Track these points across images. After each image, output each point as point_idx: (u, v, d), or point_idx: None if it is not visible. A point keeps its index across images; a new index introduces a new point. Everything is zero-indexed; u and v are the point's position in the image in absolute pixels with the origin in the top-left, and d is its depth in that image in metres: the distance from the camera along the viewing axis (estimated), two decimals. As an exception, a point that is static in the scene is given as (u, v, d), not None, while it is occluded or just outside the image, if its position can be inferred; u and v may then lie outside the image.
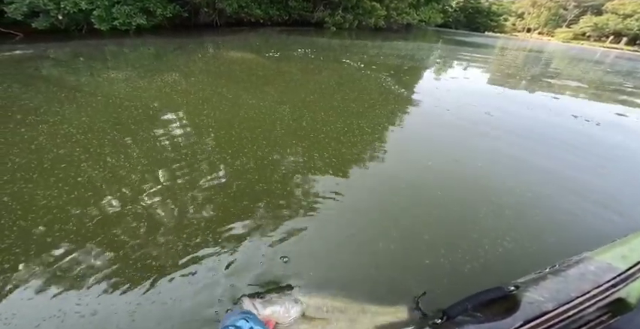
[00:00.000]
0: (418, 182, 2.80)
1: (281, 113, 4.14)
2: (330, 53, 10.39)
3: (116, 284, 1.59)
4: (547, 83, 8.85)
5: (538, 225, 2.34)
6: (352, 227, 2.13)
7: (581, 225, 2.43)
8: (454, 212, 2.41)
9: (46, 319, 1.40)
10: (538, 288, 1.17)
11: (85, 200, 2.14)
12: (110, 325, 1.40)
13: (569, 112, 5.73)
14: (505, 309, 1.08)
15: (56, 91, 4.28)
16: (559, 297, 1.09)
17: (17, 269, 1.63)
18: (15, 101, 3.78)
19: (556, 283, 1.19)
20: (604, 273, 1.21)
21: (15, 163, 2.45)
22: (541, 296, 1.11)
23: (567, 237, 2.24)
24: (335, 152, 3.18)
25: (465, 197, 2.63)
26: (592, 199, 2.77)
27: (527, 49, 23.49)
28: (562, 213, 2.54)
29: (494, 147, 3.79)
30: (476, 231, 2.19)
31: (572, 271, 1.25)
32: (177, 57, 7.70)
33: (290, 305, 1.12)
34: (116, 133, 3.12)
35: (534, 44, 33.01)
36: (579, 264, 1.30)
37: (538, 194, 2.75)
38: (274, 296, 1.14)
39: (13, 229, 1.86)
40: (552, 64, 14.95)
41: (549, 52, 23.31)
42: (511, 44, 28.23)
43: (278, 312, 1.08)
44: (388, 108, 4.95)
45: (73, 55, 6.92)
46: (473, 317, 1.09)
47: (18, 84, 4.46)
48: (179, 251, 1.81)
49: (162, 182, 2.43)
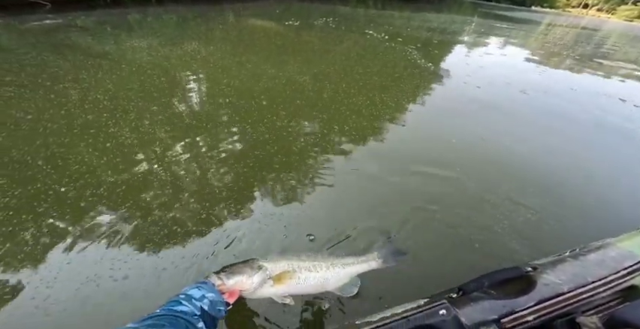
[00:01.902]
0: (440, 159, 2.70)
1: (301, 83, 4.04)
2: (352, 24, 9.89)
3: (144, 249, 1.66)
4: (596, 64, 8.04)
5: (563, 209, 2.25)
6: (371, 200, 2.12)
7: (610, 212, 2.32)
8: (472, 191, 2.33)
9: (83, 283, 1.47)
10: (556, 270, 1.16)
11: (114, 165, 2.23)
12: (138, 289, 1.47)
13: (617, 95, 5.23)
14: (521, 288, 1.09)
15: (83, 59, 4.35)
16: (575, 281, 1.09)
17: (55, 233, 1.70)
18: (45, 69, 3.88)
19: (575, 267, 1.17)
20: (624, 259, 1.18)
21: (47, 128, 2.56)
22: (557, 278, 1.11)
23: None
24: (356, 125, 3.11)
25: (486, 177, 2.54)
26: (627, 188, 2.61)
27: (580, 27, 21.31)
28: (589, 200, 2.41)
29: (525, 128, 3.58)
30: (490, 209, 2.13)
31: (591, 256, 1.23)
32: (198, 25, 7.58)
33: (253, 271, 1.14)
34: (139, 100, 3.17)
35: (589, 22, 29.82)
36: (600, 249, 1.27)
37: (563, 182, 2.61)
38: (239, 266, 1.16)
39: (49, 193, 1.94)
40: (606, 44, 13.37)
41: (605, 31, 21.11)
42: (562, 21, 25.75)
43: (241, 280, 1.11)
44: (413, 83, 4.73)
45: (99, 24, 6.94)
46: (488, 294, 1.10)
47: (47, 52, 4.56)
48: (202, 218, 1.87)
49: (184, 149, 2.47)
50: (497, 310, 0.99)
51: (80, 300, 1.39)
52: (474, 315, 0.97)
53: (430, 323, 0.88)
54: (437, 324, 0.88)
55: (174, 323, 0.81)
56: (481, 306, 1.01)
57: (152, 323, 0.78)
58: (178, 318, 0.83)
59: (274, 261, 1.23)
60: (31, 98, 3.06)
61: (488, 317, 0.97)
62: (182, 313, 0.86)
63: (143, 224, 1.80)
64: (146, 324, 0.78)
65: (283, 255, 1.30)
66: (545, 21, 23.53)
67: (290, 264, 1.23)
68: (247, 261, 1.21)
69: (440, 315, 0.90)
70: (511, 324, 0.94)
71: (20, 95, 3.13)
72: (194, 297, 0.95)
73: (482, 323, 0.96)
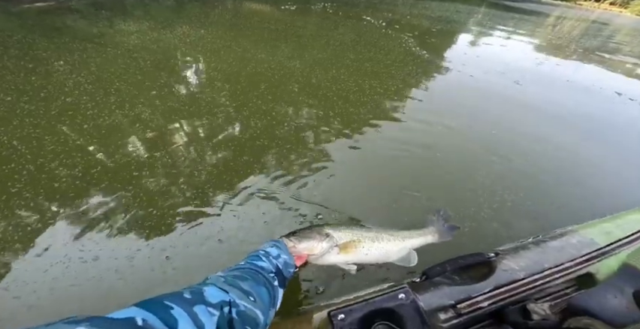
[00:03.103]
0: (424, 144, 2.68)
1: (290, 68, 3.97)
2: (351, 9, 9.66)
3: (117, 231, 1.64)
4: (600, 58, 7.83)
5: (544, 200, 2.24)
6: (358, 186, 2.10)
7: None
8: (454, 175, 2.32)
9: (53, 265, 1.46)
10: (516, 256, 1.18)
11: (90, 146, 2.20)
12: (110, 270, 1.46)
13: (613, 89, 5.13)
14: (481, 274, 1.11)
15: (68, 41, 4.26)
16: (533, 267, 1.11)
17: (27, 214, 1.69)
18: (28, 51, 3.80)
19: (535, 253, 1.19)
20: (584, 247, 1.20)
21: (24, 109, 2.53)
22: (517, 264, 1.13)
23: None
24: (341, 110, 3.07)
25: (466, 162, 2.53)
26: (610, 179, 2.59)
27: (589, 21, 20.79)
28: (574, 196, 2.40)
29: (512, 117, 3.53)
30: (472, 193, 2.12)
31: (553, 243, 1.24)
32: (194, 8, 7.40)
33: (322, 237, 1.18)
34: (122, 83, 3.12)
35: (599, 16, 29.02)
36: (563, 236, 1.28)
37: (547, 174, 2.59)
38: (307, 231, 1.20)
39: (23, 173, 1.92)
40: (614, 39, 12.95)
41: (616, 26, 20.51)
42: (571, 14, 25.02)
43: (312, 244, 1.15)
44: (405, 70, 4.64)
45: (93, 7, 6.76)
46: (450, 279, 1.12)
47: (33, 35, 4.45)
48: (177, 202, 1.85)
49: (163, 133, 2.45)
50: (455, 295, 1.01)
51: (48, 283, 1.39)
52: (432, 300, 0.99)
53: (389, 306, 0.89)
54: (395, 307, 0.89)
55: (255, 278, 0.83)
56: (440, 291, 1.03)
57: (238, 274, 0.81)
58: (258, 274, 0.85)
59: (339, 230, 1.26)
60: (11, 80, 3.01)
61: (446, 302, 0.99)
62: (261, 269, 0.89)
63: (116, 205, 1.79)
64: (232, 274, 0.80)
65: (346, 225, 1.33)
66: (554, 13, 22.95)
67: (354, 234, 1.26)
68: (315, 226, 1.26)
69: (399, 299, 0.91)
70: (467, 310, 0.95)
71: (1, 77, 3.07)
72: (272, 254, 0.99)
73: (439, 308, 0.97)
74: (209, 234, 1.66)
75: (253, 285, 0.78)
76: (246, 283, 0.77)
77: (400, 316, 0.87)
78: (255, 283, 0.80)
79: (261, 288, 0.79)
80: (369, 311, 0.88)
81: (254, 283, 0.79)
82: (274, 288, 0.86)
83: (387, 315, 0.88)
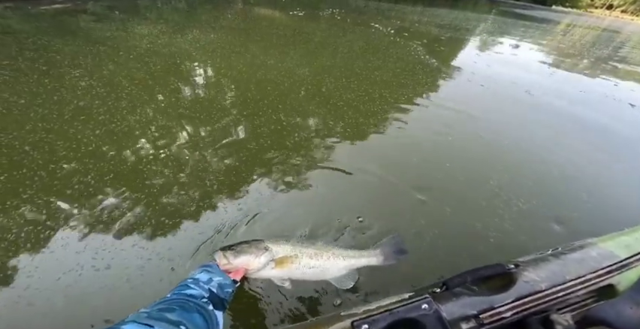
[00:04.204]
0: (434, 156, 2.66)
1: (300, 76, 3.99)
2: (359, 16, 9.72)
3: (129, 239, 1.65)
4: (612, 67, 7.75)
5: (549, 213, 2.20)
6: (360, 200, 2.09)
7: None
8: (466, 185, 2.30)
9: (65, 272, 1.46)
10: (537, 268, 1.17)
11: (101, 153, 2.21)
12: (121, 279, 1.46)
13: (627, 100, 5.06)
14: (502, 285, 1.10)
15: (82, 44, 4.32)
16: (554, 279, 1.10)
17: (39, 221, 1.69)
18: (43, 54, 3.87)
19: (555, 265, 1.18)
20: (604, 259, 1.19)
21: (37, 113, 2.55)
22: (537, 276, 1.12)
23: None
24: (352, 121, 3.06)
25: (479, 172, 2.51)
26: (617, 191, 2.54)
27: (600, 29, 20.64)
28: (580, 209, 2.36)
29: (524, 128, 3.50)
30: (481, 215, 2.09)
31: (573, 255, 1.23)
32: (205, 12, 7.49)
33: (259, 252, 1.17)
34: (133, 88, 3.14)
35: (610, 24, 28.84)
36: (582, 248, 1.27)
37: (563, 184, 2.55)
38: (245, 246, 1.18)
39: (35, 179, 1.92)
40: (625, 47, 12.82)
41: (627, 33, 20.25)
42: (582, 21, 24.97)
43: (248, 259, 1.13)
44: (414, 79, 4.63)
45: (109, 9, 6.87)
46: (470, 290, 1.11)
47: (48, 37, 4.53)
48: (189, 211, 1.85)
49: (173, 139, 2.45)
50: (477, 306, 1.01)
51: (62, 290, 1.39)
52: (454, 310, 0.99)
53: (412, 317, 0.90)
54: (419, 317, 0.90)
55: (185, 306, 0.82)
56: (462, 301, 1.02)
57: (164, 307, 0.80)
58: (188, 302, 0.85)
59: (279, 244, 1.24)
60: (25, 82, 3.05)
61: (468, 312, 0.98)
62: (191, 297, 0.89)
63: (128, 213, 1.79)
64: (157, 308, 0.79)
65: (288, 240, 1.31)
66: (565, 21, 22.90)
67: (294, 249, 1.25)
68: (254, 241, 1.23)
69: (422, 310, 0.92)
70: (490, 320, 0.96)
71: (16, 78, 3.12)
72: (202, 280, 0.98)
73: (462, 318, 0.97)
74: (217, 246, 1.65)
75: (182, 314, 0.78)
76: (174, 313, 0.77)
77: (423, 326, 0.88)
78: (185, 311, 0.80)
79: (192, 315, 0.80)
80: (392, 321, 0.89)
81: (183, 312, 0.79)
82: (209, 313, 0.87)
83: (411, 326, 0.89)
